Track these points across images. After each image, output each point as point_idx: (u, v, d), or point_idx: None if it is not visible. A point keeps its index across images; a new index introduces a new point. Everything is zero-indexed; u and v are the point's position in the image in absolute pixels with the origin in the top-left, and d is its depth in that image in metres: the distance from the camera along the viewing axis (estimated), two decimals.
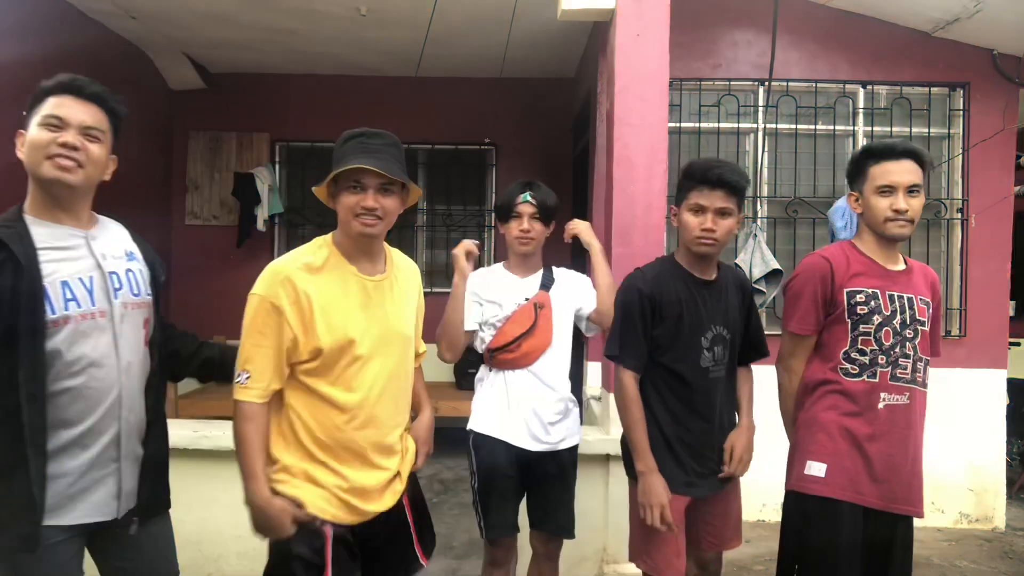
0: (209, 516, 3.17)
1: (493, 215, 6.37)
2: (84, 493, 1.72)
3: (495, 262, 2.98)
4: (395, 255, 1.99)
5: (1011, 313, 4.92)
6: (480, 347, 2.62)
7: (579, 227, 2.73)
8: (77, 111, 1.72)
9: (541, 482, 2.58)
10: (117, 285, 1.79)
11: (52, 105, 1.71)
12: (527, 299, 2.56)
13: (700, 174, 2.16)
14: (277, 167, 6.32)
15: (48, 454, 1.66)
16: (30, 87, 1.75)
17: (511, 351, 2.52)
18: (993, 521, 4.50)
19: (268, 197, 6.05)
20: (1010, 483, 4.90)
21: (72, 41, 4.69)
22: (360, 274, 1.82)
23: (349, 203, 1.76)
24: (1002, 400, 4.53)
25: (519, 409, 2.53)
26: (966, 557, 4.01)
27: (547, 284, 2.61)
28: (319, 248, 1.84)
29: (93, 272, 1.76)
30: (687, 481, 2.26)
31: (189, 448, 3.15)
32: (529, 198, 2.53)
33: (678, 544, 2.25)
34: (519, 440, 2.52)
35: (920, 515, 2.19)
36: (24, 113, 1.74)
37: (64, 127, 1.70)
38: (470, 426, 2.61)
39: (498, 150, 6.42)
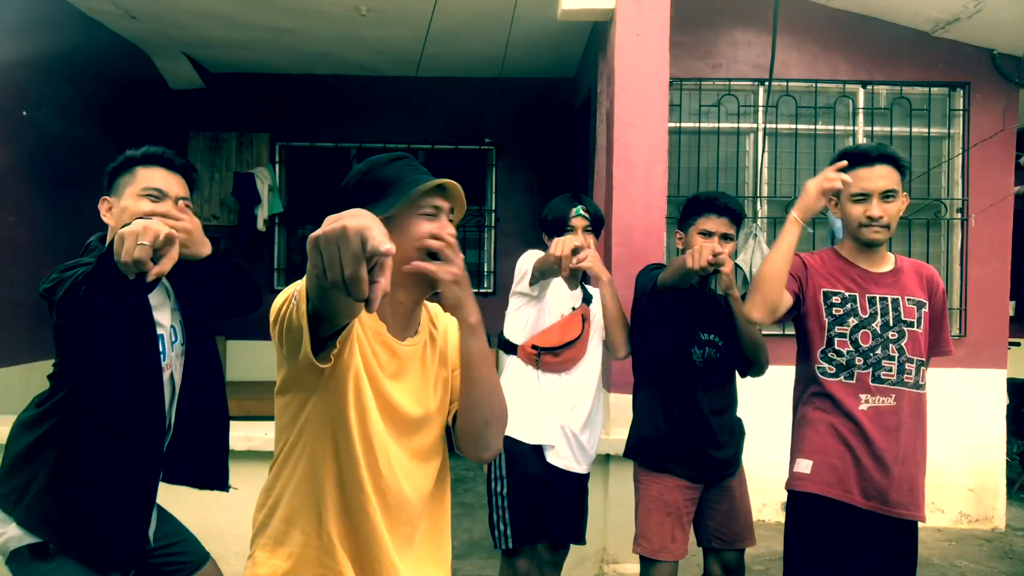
0: (209, 516, 3.17)
1: (493, 215, 6.39)
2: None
3: (495, 264, 2.94)
4: (435, 310, 1.53)
5: (1011, 313, 4.93)
6: (517, 334, 2.55)
7: (590, 258, 2.32)
8: (172, 184, 1.80)
9: (559, 488, 2.54)
10: (173, 338, 1.83)
11: (147, 177, 1.77)
12: (574, 308, 2.56)
13: (707, 202, 2.38)
14: (277, 167, 6.32)
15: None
16: (30, 87, 1.76)
17: (556, 355, 2.51)
18: (993, 521, 4.50)
19: (268, 197, 6.05)
20: (1010, 483, 4.90)
21: (72, 41, 4.69)
22: (389, 336, 1.35)
23: (423, 231, 1.32)
24: (1002, 400, 4.53)
25: (553, 416, 2.50)
26: (966, 557, 4.01)
27: (588, 299, 2.62)
28: None
29: (175, 324, 1.84)
30: (690, 474, 2.40)
31: None
32: (582, 212, 2.50)
33: (675, 530, 2.37)
34: (551, 446, 2.50)
35: (920, 519, 2.15)
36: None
37: (163, 198, 1.77)
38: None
39: (498, 150, 6.41)
